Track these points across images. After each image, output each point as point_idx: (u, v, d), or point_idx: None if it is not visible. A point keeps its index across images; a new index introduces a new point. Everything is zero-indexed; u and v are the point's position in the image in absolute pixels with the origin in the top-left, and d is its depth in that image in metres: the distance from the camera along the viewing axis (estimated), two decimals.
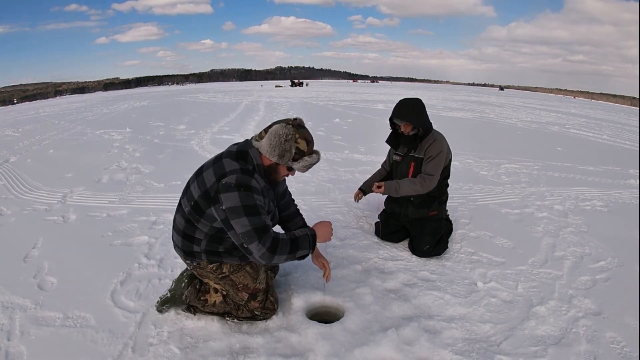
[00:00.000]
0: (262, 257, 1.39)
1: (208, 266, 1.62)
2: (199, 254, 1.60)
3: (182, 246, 1.62)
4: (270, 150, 1.45)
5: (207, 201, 1.44)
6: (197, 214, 1.49)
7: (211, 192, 1.42)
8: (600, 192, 3.96)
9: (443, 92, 32.40)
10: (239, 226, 1.38)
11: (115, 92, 50.92)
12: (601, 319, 1.81)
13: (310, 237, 1.51)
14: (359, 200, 2.69)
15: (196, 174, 1.55)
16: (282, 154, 1.45)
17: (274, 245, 1.40)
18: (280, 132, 1.44)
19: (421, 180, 2.29)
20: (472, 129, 9.03)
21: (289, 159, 1.47)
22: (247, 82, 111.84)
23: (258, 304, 1.68)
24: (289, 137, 1.44)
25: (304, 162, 1.49)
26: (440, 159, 2.29)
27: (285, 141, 1.43)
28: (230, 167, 1.43)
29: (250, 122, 8.83)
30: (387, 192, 2.36)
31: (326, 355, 1.53)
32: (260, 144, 1.48)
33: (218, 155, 1.54)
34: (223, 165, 1.45)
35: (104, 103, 18.79)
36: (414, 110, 2.27)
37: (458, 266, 2.28)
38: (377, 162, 4.81)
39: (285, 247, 1.43)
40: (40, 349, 1.55)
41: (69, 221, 2.93)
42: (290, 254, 1.45)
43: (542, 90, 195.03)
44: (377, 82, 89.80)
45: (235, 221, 1.38)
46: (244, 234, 1.38)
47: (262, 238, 1.38)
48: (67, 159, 5.21)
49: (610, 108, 30.98)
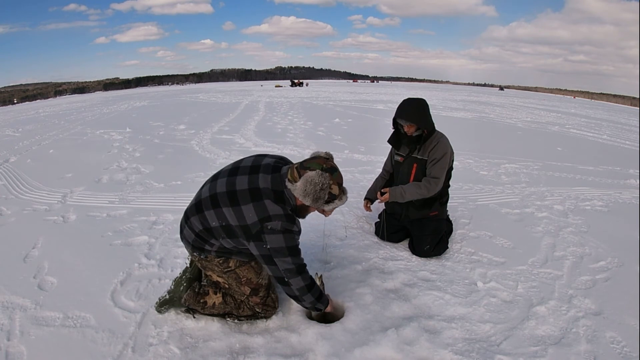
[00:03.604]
0: (299, 290, 1.57)
1: (215, 259, 1.64)
2: (209, 250, 1.62)
3: (193, 242, 1.62)
4: (304, 195, 1.46)
5: (246, 235, 1.49)
6: (227, 234, 1.53)
7: (252, 229, 1.47)
8: (600, 192, 3.96)
9: (443, 92, 32.40)
10: (282, 264, 1.51)
11: (115, 92, 50.94)
12: (601, 319, 1.82)
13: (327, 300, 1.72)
14: (370, 209, 2.68)
15: (229, 199, 1.50)
16: (315, 200, 1.47)
17: (311, 284, 1.60)
18: (316, 180, 1.44)
19: (426, 184, 2.27)
20: (472, 129, 9.03)
21: (322, 203, 1.50)
22: (247, 82, 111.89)
23: (259, 300, 1.69)
24: (324, 187, 1.45)
25: (334, 205, 1.54)
26: (445, 161, 2.27)
27: (321, 190, 1.45)
28: (274, 212, 1.46)
29: (250, 122, 8.83)
30: (392, 199, 2.31)
31: (326, 355, 1.53)
32: (294, 187, 1.47)
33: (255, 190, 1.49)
34: (265, 207, 1.46)
35: (104, 103, 18.80)
36: (418, 111, 2.23)
37: (458, 266, 2.28)
38: (377, 162, 4.82)
39: (316, 292, 1.63)
40: (40, 349, 1.56)
41: (69, 221, 2.93)
42: (315, 300, 1.63)
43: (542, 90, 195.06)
44: (377, 82, 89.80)
45: (280, 259, 1.50)
46: (286, 270, 1.52)
47: (303, 275, 1.56)
48: (67, 159, 5.21)
49: (610, 108, 30.97)
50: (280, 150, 5.56)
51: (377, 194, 2.45)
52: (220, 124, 8.64)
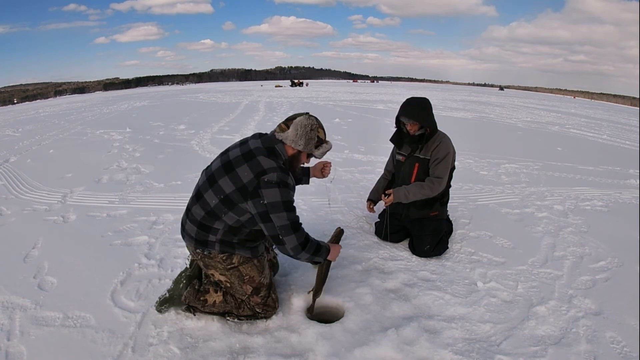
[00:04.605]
0: (293, 249, 1.57)
1: (218, 256, 1.64)
2: (213, 243, 1.62)
3: (196, 236, 1.63)
4: (296, 139, 1.58)
5: (244, 196, 1.52)
6: (227, 207, 1.55)
7: (250, 187, 1.51)
8: (600, 192, 3.96)
9: (443, 92, 32.39)
10: (278, 219, 1.52)
11: (115, 92, 50.93)
12: (601, 319, 1.82)
13: (326, 251, 1.72)
14: (373, 211, 2.69)
15: (224, 168, 1.57)
16: (307, 142, 1.60)
17: (305, 241, 1.60)
18: (305, 122, 1.59)
19: (430, 184, 2.27)
20: (472, 129, 9.03)
21: (312, 146, 1.62)
22: (247, 82, 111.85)
23: (260, 300, 1.69)
24: (314, 127, 1.61)
25: (323, 149, 1.67)
26: (448, 161, 2.27)
27: (311, 130, 1.60)
28: (268, 165, 1.52)
29: (250, 122, 8.83)
30: (396, 200, 2.30)
31: (326, 355, 1.53)
32: (285, 135, 1.60)
33: (247, 152, 1.57)
34: (259, 162, 1.53)
35: (104, 103, 18.79)
36: (421, 110, 2.25)
37: (458, 266, 2.28)
38: (377, 162, 4.82)
39: (312, 248, 1.63)
40: (40, 349, 1.56)
41: (69, 221, 2.93)
42: (312, 255, 1.64)
43: (542, 90, 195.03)
44: (377, 82, 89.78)
45: (275, 215, 1.51)
46: (281, 227, 1.53)
47: (297, 233, 1.57)
48: (67, 159, 5.21)
49: (610, 108, 30.97)
50: None
51: (380, 196, 2.45)
52: (221, 124, 8.63)
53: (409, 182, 2.38)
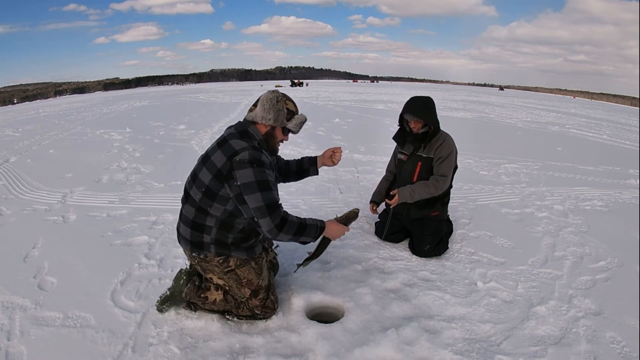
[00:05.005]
0: (269, 232, 1.50)
1: (215, 259, 1.63)
2: (208, 245, 1.60)
3: (190, 237, 1.62)
4: (265, 114, 1.57)
5: (220, 180, 1.50)
6: (210, 198, 1.54)
7: (224, 170, 1.48)
8: (600, 192, 3.96)
9: (443, 92, 32.39)
10: (252, 201, 1.47)
11: (115, 92, 50.94)
12: (601, 319, 1.81)
13: (318, 229, 1.60)
14: (377, 212, 2.70)
15: (202, 160, 1.59)
16: (276, 116, 1.57)
17: (282, 223, 1.50)
18: (270, 96, 1.59)
19: (435, 182, 2.28)
20: (472, 129, 9.03)
21: (283, 118, 1.58)
22: (247, 82, 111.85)
23: (258, 302, 1.69)
24: (279, 99, 1.58)
25: (296, 120, 1.62)
26: (452, 159, 2.30)
27: (277, 102, 1.57)
28: (240, 146, 1.50)
29: None
30: (402, 199, 2.28)
31: (326, 355, 1.53)
32: (254, 114, 1.60)
33: (221, 140, 1.59)
34: (231, 145, 1.51)
35: (104, 103, 18.79)
36: (425, 108, 2.28)
37: (458, 266, 2.28)
38: (377, 162, 4.82)
39: (291, 229, 1.52)
40: (40, 349, 1.55)
41: (69, 221, 2.93)
42: (295, 237, 1.55)
43: (542, 90, 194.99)
44: (377, 82, 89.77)
45: (249, 196, 1.46)
46: (256, 209, 1.47)
47: (272, 214, 1.48)
48: (67, 159, 5.21)
49: (610, 108, 30.98)
50: (280, 150, 5.55)
51: (383, 197, 2.45)
52: (220, 124, 8.63)
53: (412, 181, 2.38)
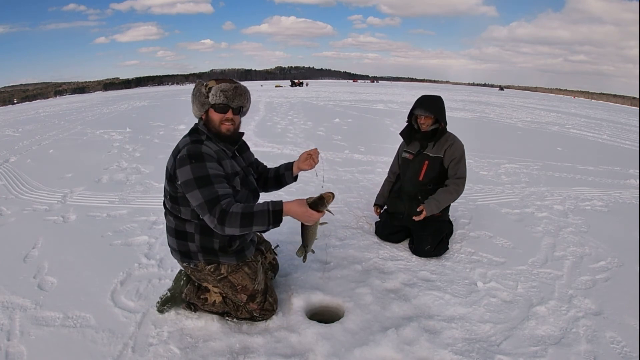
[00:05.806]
0: (216, 229, 1.42)
1: (206, 268, 1.62)
2: (195, 253, 1.60)
3: (177, 247, 1.62)
4: (194, 107, 1.58)
5: (172, 182, 1.50)
6: (175, 203, 1.55)
7: (171, 171, 1.49)
8: (600, 192, 3.96)
9: (443, 92, 32.28)
10: (193, 199, 1.43)
11: (115, 92, 50.94)
12: (601, 319, 1.81)
13: (270, 213, 1.40)
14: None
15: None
16: (198, 101, 1.55)
17: (222, 217, 1.38)
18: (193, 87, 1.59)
19: (455, 186, 2.32)
20: (472, 129, 9.02)
21: (204, 97, 1.53)
22: (247, 82, 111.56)
23: (256, 306, 1.68)
24: (196, 86, 1.57)
25: (214, 90, 1.51)
26: (464, 160, 2.35)
27: (195, 89, 1.56)
28: (182, 144, 1.53)
29: (250, 122, 8.82)
30: (429, 213, 2.29)
31: (326, 355, 1.53)
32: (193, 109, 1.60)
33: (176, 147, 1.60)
34: (177, 145, 1.55)
35: (104, 103, 18.79)
36: (437, 104, 2.33)
37: (458, 266, 2.28)
38: (377, 162, 4.81)
39: (235, 221, 1.38)
40: (40, 349, 1.55)
41: (69, 221, 2.93)
42: (245, 228, 1.39)
43: (542, 90, 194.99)
44: (377, 82, 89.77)
45: (190, 194, 1.43)
46: (197, 206, 1.42)
47: (212, 210, 1.39)
48: (67, 159, 5.21)
49: (610, 108, 30.98)
50: (280, 150, 5.56)
51: (386, 200, 2.51)
52: None
53: (417, 179, 2.39)
